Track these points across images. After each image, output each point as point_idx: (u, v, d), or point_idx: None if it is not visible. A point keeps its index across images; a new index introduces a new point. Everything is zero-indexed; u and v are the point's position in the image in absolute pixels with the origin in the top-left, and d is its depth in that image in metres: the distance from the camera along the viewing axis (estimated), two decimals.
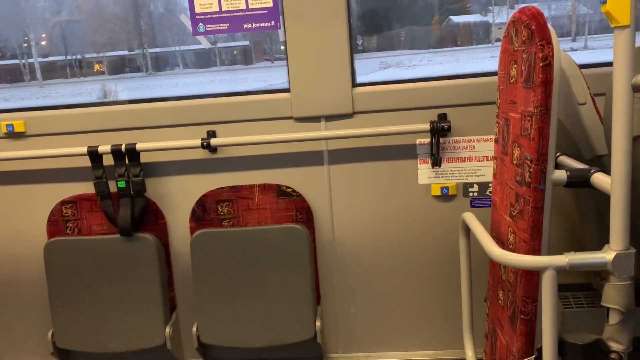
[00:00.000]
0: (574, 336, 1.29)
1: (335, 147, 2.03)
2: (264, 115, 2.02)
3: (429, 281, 2.11)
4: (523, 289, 1.38)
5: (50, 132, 2.10)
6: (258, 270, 2.04)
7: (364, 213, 2.08)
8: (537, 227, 1.33)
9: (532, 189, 1.31)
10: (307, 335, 2.06)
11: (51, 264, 2.10)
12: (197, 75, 15.61)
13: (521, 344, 1.40)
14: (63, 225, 2.14)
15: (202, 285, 2.06)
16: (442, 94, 1.95)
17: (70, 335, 2.13)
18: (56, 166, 2.13)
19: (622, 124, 1.14)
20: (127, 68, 18.87)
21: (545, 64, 1.25)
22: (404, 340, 2.17)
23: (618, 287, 1.22)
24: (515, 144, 1.43)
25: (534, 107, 1.28)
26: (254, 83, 12.62)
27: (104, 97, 14.35)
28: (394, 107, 1.98)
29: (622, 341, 1.24)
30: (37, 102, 14.69)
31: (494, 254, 1.31)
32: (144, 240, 2.06)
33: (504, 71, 1.55)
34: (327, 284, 2.15)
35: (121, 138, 2.07)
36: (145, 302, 2.09)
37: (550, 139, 1.29)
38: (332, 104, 1.98)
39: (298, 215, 2.06)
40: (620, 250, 1.19)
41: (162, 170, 2.10)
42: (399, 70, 12.93)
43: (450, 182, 2.02)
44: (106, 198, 2.06)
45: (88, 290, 2.10)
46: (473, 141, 1.99)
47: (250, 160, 2.06)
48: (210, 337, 2.10)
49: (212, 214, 2.09)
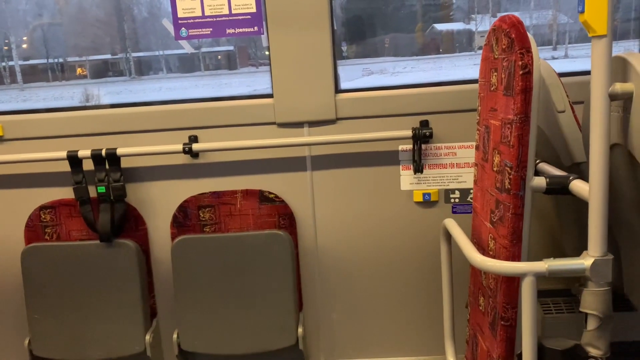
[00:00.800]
0: (553, 342, 1.30)
1: (318, 152, 2.03)
2: (247, 120, 2.01)
3: (411, 287, 2.12)
4: (503, 295, 1.39)
5: (28, 137, 2.07)
6: (240, 277, 2.02)
7: (347, 219, 2.08)
8: (517, 234, 1.34)
9: (512, 195, 1.32)
10: (289, 342, 2.05)
11: (29, 271, 2.06)
12: (181, 80, 15.57)
13: (501, 349, 1.41)
14: (41, 231, 2.10)
15: (183, 292, 2.04)
16: (424, 100, 1.96)
17: (47, 343, 2.09)
18: (35, 171, 2.10)
19: (600, 132, 1.16)
20: (110, 72, 18.73)
21: (525, 72, 1.26)
22: (385, 347, 2.17)
23: (596, 293, 1.23)
24: (495, 151, 1.44)
25: (514, 115, 1.30)
26: (239, 88, 12.61)
27: (86, 101, 14.22)
28: (377, 114, 1.98)
29: (600, 346, 1.26)
30: (18, 106, 14.49)
31: (475, 260, 1.31)
32: (124, 246, 2.04)
33: (484, 79, 1.57)
34: (310, 290, 2.14)
35: (102, 143, 2.05)
36: (125, 309, 2.06)
37: (530, 146, 1.30)
38: (315, 110, 1.98)
39: (281, 221, 2.05)
40: (598, 257, 1.20)
41: (143, 176, 2.08)
42: (383, 77, 13.02)
43: (432, 189, 2.03)
44: (86, 203, 2.04)
45: (66, 297, 2.07)
46: (454, 148, 2.00)
47: (232, 166, 2.05)
48: (191, 344, 2.07)
49: (194, 220, 2.07)
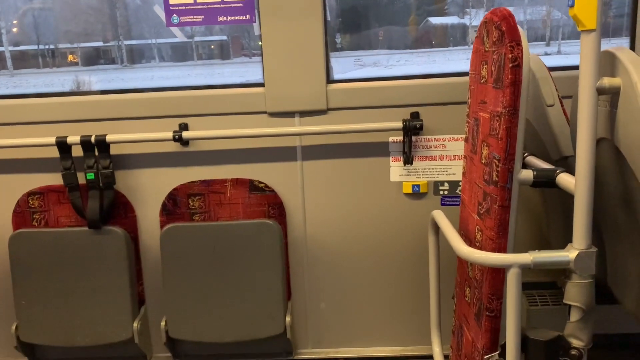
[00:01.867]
0: (536, 333, 1.31)
1: (309, 143, 2.03)
2: (238, 109, 2.01)
3: (399, 278, 2.13)
4: (489, 286, 1.40)
5: (17, 122, 2.05)
6: (229, 265, 2.03)
7: (336, 209, 2.08)
8: (504, 226, 1.36)
9: (499, 187, 1.33)
10: (277, 331, 2.06)
11: (16, 256, 2.05)
12: (174, 68, 15.46)
13: (486, 340, 1.43)
14: (29, 217, 2.09)
15: (172, 280, 2.04)
16: (415, 92, 1.97)
17: (34, 328, 2.09)
18: (23, 156, 2.09)
19: (587, 126, 1.17)
20: (101, 60, 18.57)
21: (515, 65, 1.27)
22: (373, 337, 2.19)
23: (579, 285, 1.24)
24: (484, 144, 1.45)
25: (503, 108, 1.30)
26: (231, 78, 12.54)
27: (77, 88, 14.10)
28: (368, 105, 1.99)
29: (583, 338, 1.28)
30: (7, 92, 14.35)
31: (461, 251, 1.32)
32: (112, 233, 2.03)
33: (475, 71, 1.57)
34: (298, 279, 2.15)
35: (91, 129, 2.04)
36: (113, 296, 2.06)
37: (518, 139, 1.31)
38: (307, 100, 1.98)
39: (270, 211, 2.06)
40: (583, 249, 1.22)
41: (133, 163, 2.07)
42: (377, 70, 13.01)
43: (421, 180, 2.04)
44: (74, 190, 2.03)
45: (54, 283, 2.06)
46: (444, 140, 2.01)
47: (222, 155, 2.05)
48: (178, 332, 2.08)
49: (183, 208, 2.07)
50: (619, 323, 2.11)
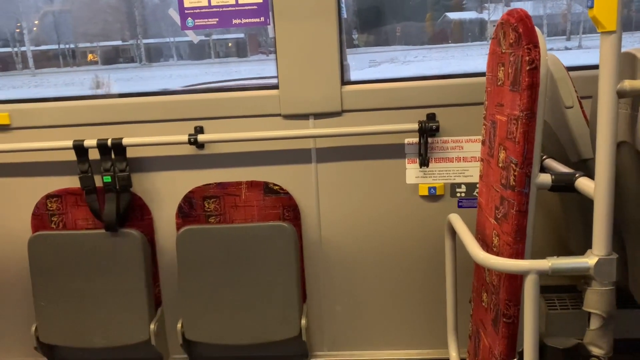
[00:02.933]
0: (555, 340, 1.29)
1: (324, 145, 2.02)
2: (252, 112, 2.00)
3: (415, 281, 2.11)
4: (506, 292, 1.38)
5: (35, 125, 2.08)
6: (244, 268, 2.03)
7: (351, 212, 2.07)
8: (521, 231, 1.33)
9: (517, 192, 1.31)
10: (292, 333, 2.05)
11: (35, 258, 2.08)
12: (191, 67, 15.55)
13: (503, 346, 1.41)
14: (48, 219, 2.12)
15: (188, 282, 2.05)
16: (431, 93, 1.94)
17: (53, 330, 2.12)
18: (41, 159, 2.11)
19: (607, 130, 1.14)
20: (120, 58, 18.76)
21: (532, 68, 1.24)
22: (388, 340, 2.17)
23: (600, 292, 1.22)
24: (501, 147, 1.43)
25: (520, 111, 1.28)
26: (248, 76, 12.57)
27: (96, 87, 14.27)
28: (383, 106, 1.97)
29: (603, 346, 1.25)
30: (29, 91, 14.60)
31: (478, 257, 1.30)
32: (129, 235, 2.05)
33: (491, 73, 1.55)
34: (313, 282, 2.14)
35: (108, 132, 2.05)
36: (130, 298, 2.07)
37: (536, 143, 1.28)
38: (321, 102, 1.97)
39: (285, 213, 2.05)
40: (603, 256, 1.19)
41: (149, 166, 2.08)
42: (394, 66, 12.92)
43: (437, 182, 2.02)
44: (92, 193, 2.04)
45: (72, 285, 2.09)
46: (461, 141, 1.99)
47: (237, 157, 2.05)
48: (195, 334, 2.09)
49: (199, 211, 2.07)
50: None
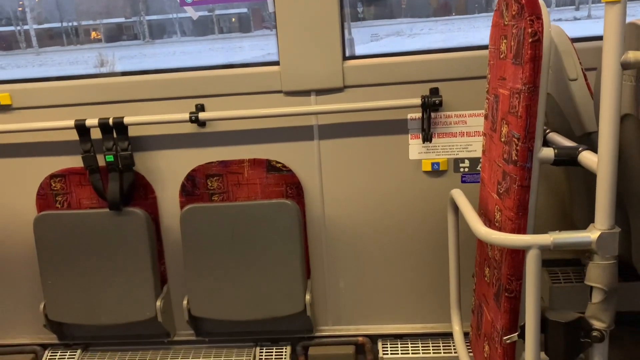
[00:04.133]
0: (556, 314, 1.29)
1: (326, 121, 2.01)
2: (253, 89, 1.99)
3: (418, 256, 2.12)
4: (508, 267, 1.38)
5: (36, 105, 2.07)
6: (248, 245, 2.04)
7: (354, 188, 2.07)
8: (523, 206, 1.32)
9: (519, 167, 1.30)
10: (297, 309, 2.07)
11: (41, 238, 2.10)
12: (195, 43, 15.44)
13: (505, 321, 1.41)
14: (52, 199, 2.13)
15: (193, 260, 2.07)
16: (434, 67, 1.92)
17: (61, 307, 2.15)
18: (44, 139, 2.12)
19: (610, 102, 1.12)
20: (124, 36, 18.67)
21: (535, 40, 1.22)
22: (392, 314, 2.19)
23: (601, 266, 1.21)
24: (503, 121, 1.41)
25: (522, 84, 1.26)
26: (252, 52, 12.47)
27: (101, 65, 14.23)
28: (385, 81, 1.95)
29: (604, 319, 1.25)
30: (34, 70, 14.57)
31: (480, 232, 1.30)
32: (133, 214, 2.06)
33: (494, 46, 1.52)
34: (317, 258, 2.15)
35: (109, 111, 2.05)
36: (136, 276, 2.10)
37: (538, 117, 1.27)
38: (323, 78, 1.95)
39: (288, 191, 2.05)
40: (605, 230, 1.18)
41: (151, 144, 2.08)
42: (400, 39, 12.76)
43: (441, 158, 2.01)
44: (95, 172, 2.05)
45: (79, 263, 2.11)
46: (465, 116, 1.97)
47: (239, 135, 2.04)
48: (200, 310, 2.11)
49: (202, 189, 2.08)
50: None
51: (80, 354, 2.25)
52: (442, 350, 2.13)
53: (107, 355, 2.24)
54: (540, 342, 1.25)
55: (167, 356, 2.21)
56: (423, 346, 2.15)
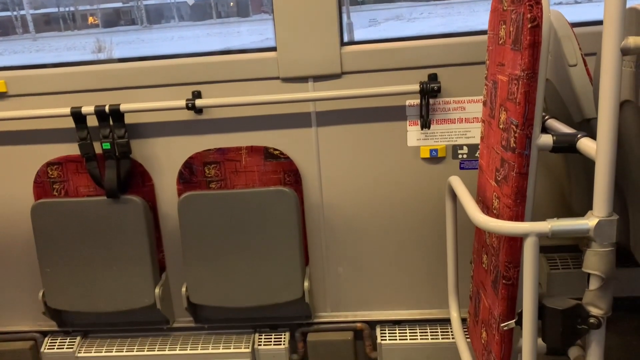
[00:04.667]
0: (554, 301, 1.29)
1: (324, 108, 1.99)
2: (250, 75, 1.97)
3: (416, 243, 2.12)
4: (505, 254, 1.38)
5: (32, 92, 2.06)
6: (246, 232, 2.04)
7: (353, 175, 2.06)
8: (521, 193, 1.32)
9: (517, 154, 1.29)
10: (296, 295, 2.08)
11: (39, 226, 2.09)
12: (193, 28, 15.32)
13: (502, 308, 1.41)
14: (49, 187, 2.12)
15: (191, 247, 2.07)
16: (433, 53, 1.90)
17: (60, 295, 2.15)
18: (40, 127, 2.10)
19: (610, 89, 1.11)
20: (121, 21, 18.52)
21: (534, 26, 1.20)
22: (390, 300, 2.20)
23: (599, 253, 1.21)
24: (502, 108, 1.40)
25: (521, 70, 1.25)
26: (250, 37, 12.38)
27: (98, 51, 14.14)
28: (384, 67, 1.93)
29: (602, 306, 1.25)
30: (31, 56, 14.47)
31: (477, 219, 1.30)
32: (131, 202, 2.05)
33: (493, 31, 1.50)
34: (316, 245, 2.15)
35: (106, 98, 2.03)
36: (134, 263, 2.10)
37: (537, 103, 1.25)
38: (320, 64, 1.93)
39: (286, 178, 2.05)
40: (603, 217, 1.18)
41: (148, 132, 2.07)
42: (400, 24, 12.65)
43: (439, 144, 2.00)
44: (91, 160, 2.04)
45: (77, 251, 2.11)
46: (463, 102, 1.95)
47: (236, 122, 2.03)
48: (199, 297, 2.12)
49: (199, 176, 2.07)
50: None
51: (80, 341, 2.26)
52: (440, 336, 2.14)
53: (107, 342, 2.25)
54: (537, 329, 1.26)
55: (166, 343, 2.22)
56: (421, 332, 2.16)
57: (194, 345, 2.20)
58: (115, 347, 2.23)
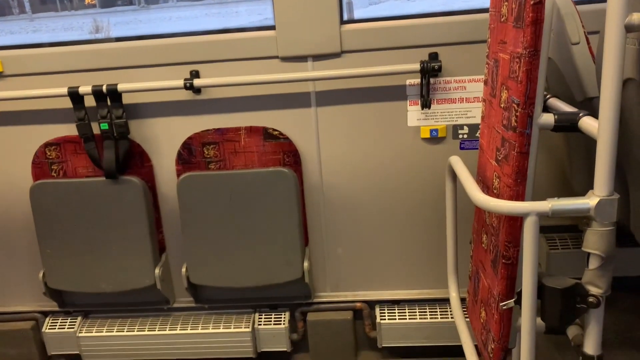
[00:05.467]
0: (553, 280, 1.29)
1: (323, 88, 1.98)
2: (249, 54, 1.95)
3: (416, 223, 2.12)
4: (505, 234, 1.38)
5: (29, 72, 2.03)
6: (246, 213, 2.04)
7: (352, 155, 2.05)
8: (522, 173, 1.31)
9: (518, 133, 1.28)
10: (295, 276, 2.09)
11: (38, 206, 2.09)
12: (191, 8, 15.16)
13: (502, 287, 1.42)
14: (48, 168, 2.11)
15: (190, 228, 2.07)
16: (433, 32, 1.88)
17: (60, 275, 2.16)
18: (38, 107, 2.09)
19: (613, 66, 1.09)
20: (119, 1, 18.30)
21: (536, 2, 1.18)
22: (389, 280, 2.21)
23: (599, 232, 1.21)
24: (503, 87, 1.38)
25: (523, 48, 1.23)
26: (249, 17, 12.26)
27: (96, 31, 14.00)
28: (384, 46, 1.91)
29: (601, 285, 1.25)
30: (28, 37, 14.34)
31: (477, 199, 1.29)
32: (130, 183, 2.05)
33: (495, 9, 1.48)
34: (315, 225, 2.15)
35: (103, 78, 2.01)
36: (134, 244, 2.10)
37: (539, 82, 1.24)
38: (320, 43, 1.91)
39: (285, 158, 2.04)
40: (604, 196, 1.17)
41: (146, 112, 2.06)
42: (400, 2, 12.50)
43: (439, 124, 1.98)
44: (90, 140, 2.03)
45: (76, 232, 2.11)
46: (464, 82, 1.93)
47: (235, 102, 2.01)
48: (199, 278, 2.12)
49: (198, 157, 2.06)
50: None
51: (81, 321, 2.28)
52: (439, 315, 2.15)
53: (108, 322, 2.26)
54: (536, 308, 1.26)
55: (166, 323, 2.24)
56: (420, 311, 2.17)
57: (194, 325, 2.22)
58: (116, 327, 2.24)
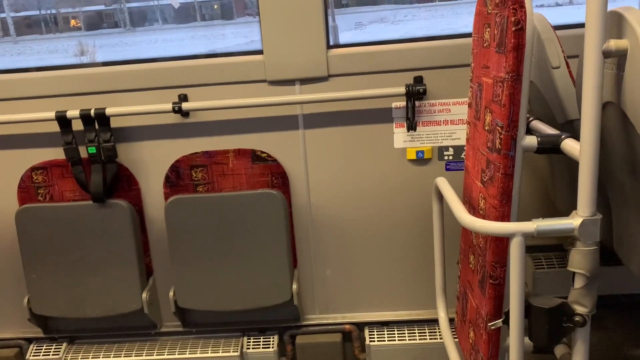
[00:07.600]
0: (540, 300, 1.31)
1: (311, 111, 2.00)
2: (237, 78, 1.97)
3: (404, 244, 2.13)
4: (492, 254, 1.40)
5: (15, 97, 2.03)
6: (234, 236, 2.04)
7: (340, 177, 2.07)
8: (507, 194, 1.34)
9: (502, 155, 1.31)
10: (284, 298, 2.08)
11: (23, 231, 2.07)
12: (177, 31, 15.24)
13: (490, 307, 1.43)
14: (34, 192, 2.10)
15: (178, 251, 2.06)
16: (418, 56, 1.92)
17: (46, 301, 2.13)
18: (24, 131, 2.08)
19: (592, 91, 1.13)
20: (104, 24, 18.35)
21: (518, 29, 1.22)
22: (378, 302, 2.21)
23: (584, 252, 1.23)
24: (487, 110, 1.42)
25: (506, 73, 1.27)
26: (235, 39, 12.35)
27: (81, 54, 13.99)
28: (370, 70, 1.94)
29: (587, 304, 1.27)
30: (12, 60, 14.29)
31: (464, 220, 1.31)
32: (117, 206, 2.04)
33: (477, 34, 1.52)
34: (304, 247, 2.16)
35: (91, 102, 2.02)
36: (121, 268, 2.08)
37: (522, 105, 1.27)
38: (307, 67, 1.94)
39: (273, 180, 2.05)
40: (587, 217, 1.20)
41: (134, 136, 2.06)
42: (384, 26, 12.71)
43: (425, 146, 2.01)
44: (77, 164, 2.02)
45: (63, 256, 2.09)
46: (449, 104, 1.97)
47: (223, 125, 2.03)
48: (187, 302, 2.11)
49: (186, 180, 2.06)
50: (625, 284, 2.11)
51: (66, 347, 2.24)
52: (428, 336, 2.15)
53: (94, 347, 2.23)
54: (524, 328, 1.27)
55: (154, 347, 2.21)
56: (409, 333, 2.17)
57: (182, 349, 2.19)
58: (103, 353, 2.21)
